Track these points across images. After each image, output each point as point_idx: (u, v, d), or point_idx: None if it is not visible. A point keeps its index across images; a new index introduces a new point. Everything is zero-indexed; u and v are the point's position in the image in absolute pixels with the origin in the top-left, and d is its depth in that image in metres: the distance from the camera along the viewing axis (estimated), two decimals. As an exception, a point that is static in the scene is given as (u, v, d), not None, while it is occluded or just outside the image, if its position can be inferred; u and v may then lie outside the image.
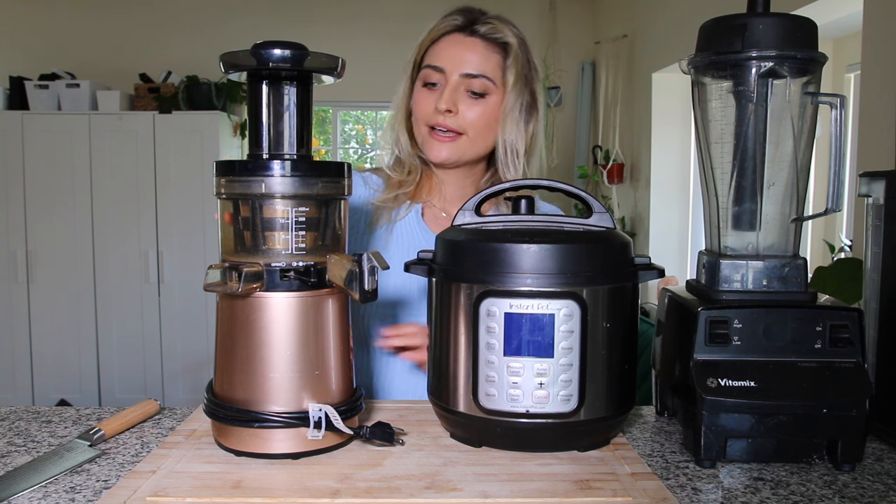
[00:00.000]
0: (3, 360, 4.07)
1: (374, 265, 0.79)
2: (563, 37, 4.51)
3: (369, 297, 0.79)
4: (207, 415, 0.84)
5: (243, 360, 0.81)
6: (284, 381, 0.80)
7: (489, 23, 1.17)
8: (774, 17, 0.83)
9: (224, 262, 0.81)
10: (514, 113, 1.17)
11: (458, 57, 1.15)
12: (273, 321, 0.80)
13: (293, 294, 0.80)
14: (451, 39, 1.17)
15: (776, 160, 0.85)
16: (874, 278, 0.92)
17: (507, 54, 1.17)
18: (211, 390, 0.85)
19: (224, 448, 0.82)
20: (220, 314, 0.84)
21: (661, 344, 0.94)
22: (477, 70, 1.15)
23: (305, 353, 0.81)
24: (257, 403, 0.80)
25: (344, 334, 0.85)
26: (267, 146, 0.82)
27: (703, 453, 0.80)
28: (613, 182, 4.13)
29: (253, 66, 0.78)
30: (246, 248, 0.81)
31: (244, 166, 0.80)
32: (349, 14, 4.50)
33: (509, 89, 1.16)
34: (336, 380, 0.84)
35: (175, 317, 4.08)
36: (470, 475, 0.76)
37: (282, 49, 0.77)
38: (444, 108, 1.14)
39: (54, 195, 4.00)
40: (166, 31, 4.41)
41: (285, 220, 0.80)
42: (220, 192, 0.81)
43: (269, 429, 0.80)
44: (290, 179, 0.79)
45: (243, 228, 0.81)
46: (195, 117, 4.01)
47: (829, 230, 3.02)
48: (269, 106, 0.82)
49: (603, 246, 0.82)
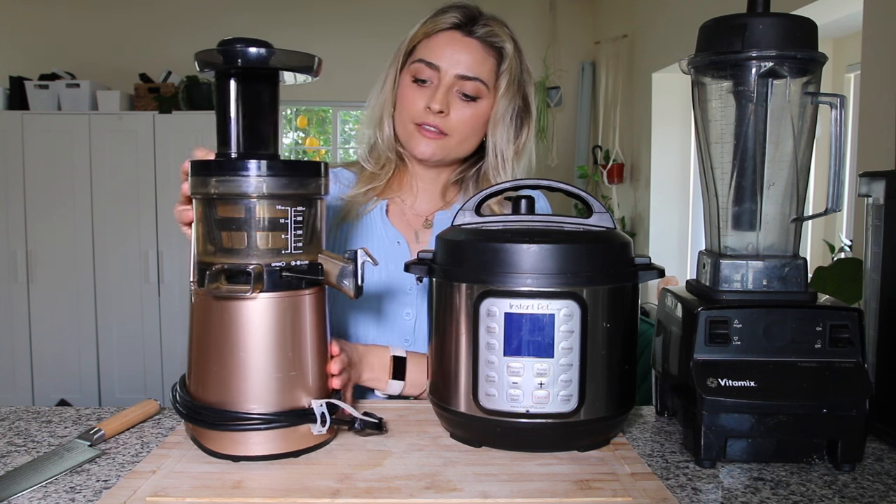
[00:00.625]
0: (3, 360, 4.07)
1: (366, 261, 0.79)
2: (563, 37, 4.51)
3: (360, 293, 0.80)
4: (183, 417, 0.82)
5: (220, 361, 0.80)
6: (262, 381, 0.80)
7: (488, 25, 1.16)
8: (774, 17, 0.83)
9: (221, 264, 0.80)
10: (505, 118, 1.17)
11: (453, 56, 1.14)
12: (250, 321, 0.79)
13: (273, 294, 0.79)
14: (448, 37, 1.15)
15: (776, 160, 0.85)
16: (874, 278, 0.92)
17: (503, 59, 1.16)
18: (185, 390, 0.84)
19: (203, 449, 0.81)
20: (195, 315, 0.83)
21: (661, 344, 0.94)
22: (472, 73, 1.14)
23: (284, 354, 0.80)
24: (236, 404, 0.79)
25: (322, 334, 0.85)
26: (235, 145, 0.81)
27: (703, 453, 0.80)
28: (613, 182, 4.13)
29: (220, 63, 0.77)
30: (224, 248, 0.79)
31: (223, 166, 0.79)
32: (349, 14, 4.50)
33: (501, 94, 1.15)
34: (314, 379, 0.83)
35: (175, 317, 4.08)
36: (470, 475, 0.76)
37: (249, 46, 0.76)
38: (437, 109, 1.12)
39: (54, 195, 4.00)
40: (166, 31, 4.41)
41: (265, 220, 0.79)
42: (197, 192, 0.80)
43: (246, 431, 0.79)
44: (271, 179, 0.78)
45: (221, 229, 0.79)
46: (195, 117, 4.01)
47: (829, 230, 3.02)
48: (237, 104, 0.80)
49: (603, 246, 0.82)
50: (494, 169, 1.19)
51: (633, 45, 4.04)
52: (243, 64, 0.77)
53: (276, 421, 0.79)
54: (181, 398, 0.83)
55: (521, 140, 1.20)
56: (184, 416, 0.82)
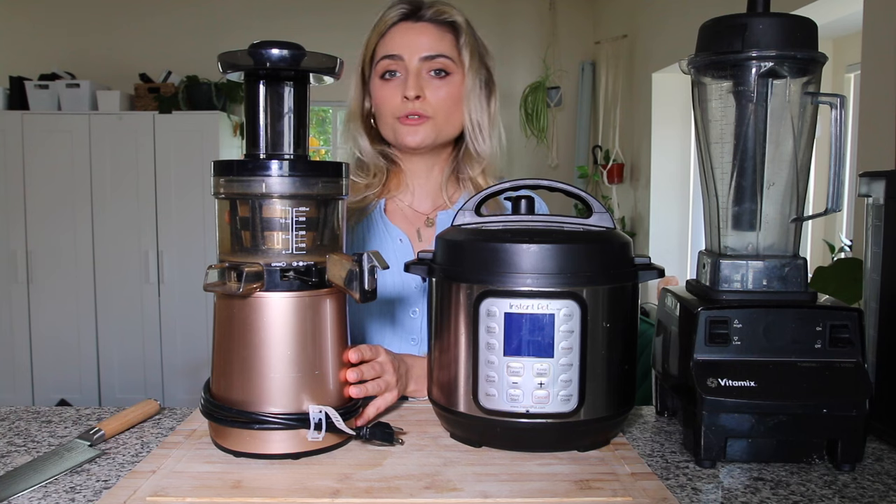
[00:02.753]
0: (3, 360, 4.06)
1: (374, 265, 0.79)
2: (563, 37, 4.51)
3: (369, 297, 0.79)
4: (205, 416, 0.84)
5: (242, 360, 0.81)
6: (283, 381, 0.80)
7: (433, 6, 1.19)
8: (774, 17, 0.83)
9: (223, 263, 0.81)
10: (475, 90, 1.19)
11: (412, 42, 1.16)
12: (272, 321, 0.80)
13: (292, 294, 0.80)
14: (401, 28, 1.18)
15: (776, 160, 0.85)
16: (874, 278, 0.92)
17: (459, 33, 1.19)
18: (208, 391, 0.85)
19: (221, 448, 0.82)
20: (217, 314, 0.84)
21: (661, 344, 0.94)
22: (434, 51, 1.16)
23: (304, 354, 0.81)
24: (256, 404, 0.80)
25: (342, 334, 0.85)
26: (264, 146, 0.82)
27: (703, 453, 0.80)
28: (613, 182, 4.13)
29: (251, 65, 0.78)
30: (244, 247, 0.80)
31: (243, 166, 0.80)
32: (350, 14, 4.50)
33: (467, 68, 1.18)
34: (334, 380, 0.84)
35: (175, 317, 4.08)
36: (470, 475, 0.76)
37: (279, 49, 0.77)
38: (413, 95, 1.14)
39: (54, 195, 4.00)
40: (166, 31, 4.41)
41: (284, 220, 0.80)
42: (219, 192, 0.81)
43: (268, 430, 0.80)
44: (290, 179, 0.79)
45: (241, 228, 0.80)
46: (195, 117, 4.00)
47: (829, 230, 3.02)
48: (266, 106, 0.82)
49: (603, 246, 0.82)
50: (474, 139, 1.21)
51: (633, 45, 4.04)
52: (272, 66, 0.78)
53: (290, 422, 0.80)
54: (204, 398, 0.84)
55: (491, 108, 1.23)
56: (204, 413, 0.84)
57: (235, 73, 0.81)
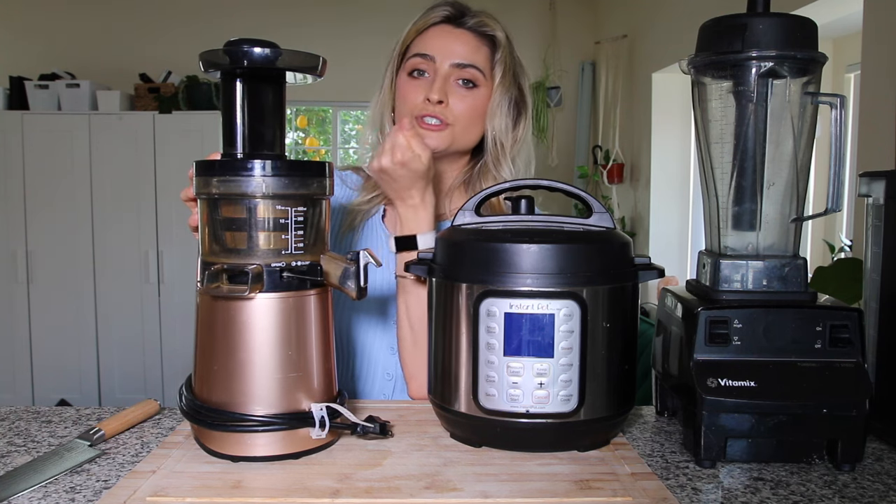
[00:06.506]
0: (3, 360, 4.07)
1: (369, 262, 0.79)
2: (563, 37, 4.51)
3: (363, 294, 0.80)
4: (187, 417, 0.82)
5: (225, 361, 0.80)
6: (267, 382, 0.79)
7: (477, 16, 1.18)
8: (774, 17, 0.83)
9: (221, 264, 0.80)
10: (502, 107, 1.17)
11: (447, 47, 1.15)
12: (256, 322, 0.79)
13: (276, 295, 0.79)
14: (440, 30, 1.17)
15: (776, 160, 0.85)
16: (874, 278, 0.92)
17: (496, 48, 1.17)
18: (190, 391, 0.84)
19: (206, 449, 0.81)
20: (200, 315, 0.83)
21: (661, 344, 0.94)
22: (467, 60, 1.15)
23: (287, 355, 0.80)
24: (239, 405, 0.79)
25: (326, 335, 0.85)
26: (241, 145, 0.81)
27: (703, 453, 0.80)
28: (613, 182, 4.14)
29: (227, 64, 0.77)
30: (228, 248, 0.79)
31: (225, 166, 0.79)
32: (350, 13, 4.50)
33: (497, 83, 1.16)
34: (318, 381, 0.83)
35: (175, 317, 4.08)
36: (470, 475, 0.76)
37: (255, 47, 0.76)
38: (436, 99, 1.13)
39: (54, 195, 4.01)
40: (166, 32, 4.42)
41: (277, 220, 0.79)
42: (201, 193, 0.81)
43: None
44: (273, 179, 0.78)
45: (223, 229, 0.79)
46: (195, 117, 4.01)
47: (829, 230, 3.02)
48: (243, 104, 0.80)
49: (603, 246, 0.82)
50: (494, 159, 1.19)
51: (633, 45, 4.04)
52: (249, 65, 0.77)
53: (276, 423, 0.79)
54: (186, 398, 0.83)
55: (518, 131, 1.21)
56: (186, 415, 0.82)
57: (216, 71, 0.80)
